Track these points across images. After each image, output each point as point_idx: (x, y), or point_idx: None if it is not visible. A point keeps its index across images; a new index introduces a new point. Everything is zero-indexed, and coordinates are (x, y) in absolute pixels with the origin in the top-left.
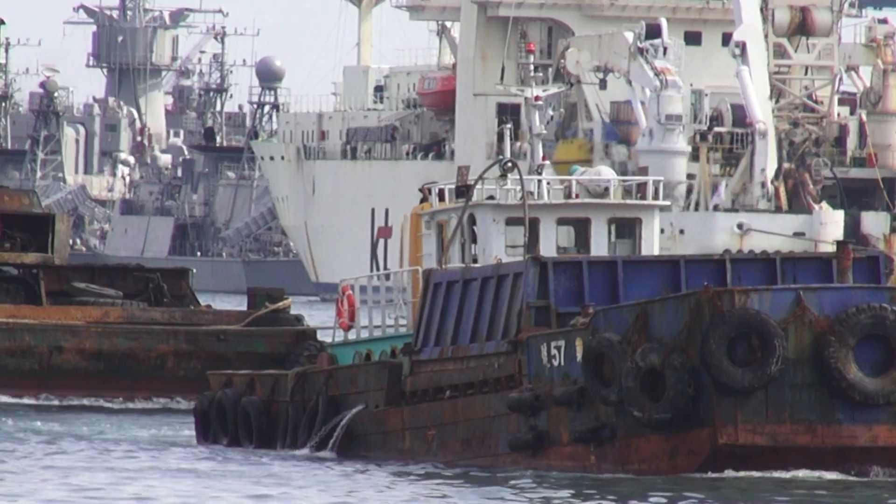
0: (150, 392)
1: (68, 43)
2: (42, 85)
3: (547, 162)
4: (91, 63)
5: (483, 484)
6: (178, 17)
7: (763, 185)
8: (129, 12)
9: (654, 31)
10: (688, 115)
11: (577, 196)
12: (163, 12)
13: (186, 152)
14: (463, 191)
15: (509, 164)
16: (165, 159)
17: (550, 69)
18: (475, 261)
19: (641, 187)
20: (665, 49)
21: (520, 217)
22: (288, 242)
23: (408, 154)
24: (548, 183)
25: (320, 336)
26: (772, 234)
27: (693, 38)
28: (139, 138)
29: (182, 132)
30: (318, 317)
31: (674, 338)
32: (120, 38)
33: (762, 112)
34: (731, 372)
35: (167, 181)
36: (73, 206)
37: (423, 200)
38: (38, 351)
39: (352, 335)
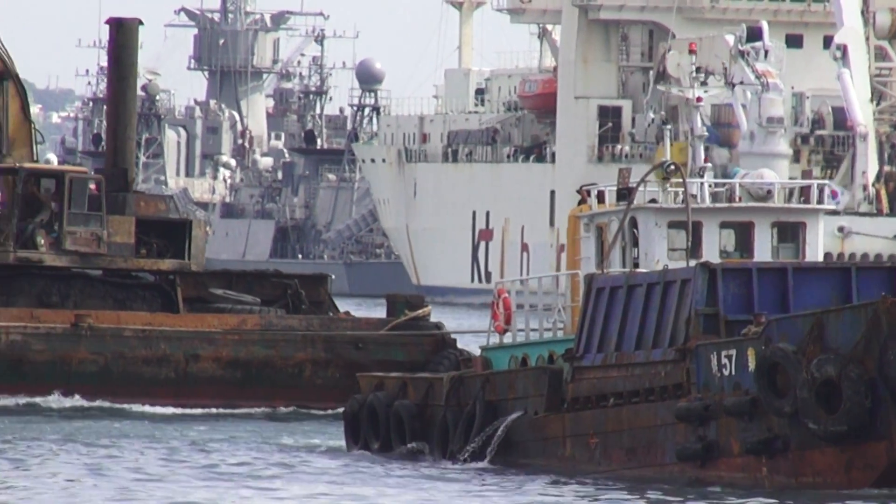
0: (287, 400)
1: (170, 46)
2: (144, 88)
3: (708, 164)
4: (192, 66)
5: (649, 493)
6: (279, 19)
7: (864, 187)
8: (230, 15)
9: (755, 34)
10: (789, 118)
11: (739, 199)
12: (264, 15)
13: (287, 155)
14: (624, 193)
15: (672, 167)
16: (266, 162)
17: (651, 72)
18: (636, 265)
19: (805, 191)
20: (766, 52)
21: (682, 220)
22: (389, 245)
23: (509, 157)
24: (710, 186)
25: (470, 340)
26: (873, 236)
27: (794, 41)
28: (240, 141)
29: (283, 135)
30: None
31: (850, 349)
32: (221, 41)
33: (863, 115)
34: None
35: (268, 184)
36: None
37: (581, 202)
38: (174, 359)
39: (507, 339)
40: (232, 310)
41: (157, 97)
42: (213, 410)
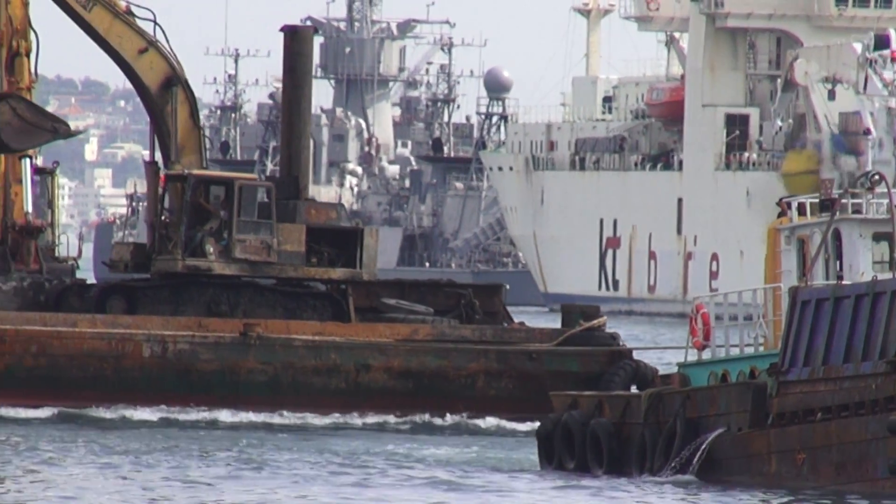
0: (459, 412)
1: None
2: (271, 96)
3: None
4: (318, 74)
5: None
6: (406, 28)
7: None
8: (356, 23)
9: (882, 42)
10: None
11: None
12: (390, 23)
13: (414, 163)
14: (827, 205)
15: (876, 177)
16: (393, 170)
17: (779, 80)
18: (839, 277)
19: None
20: (894, 59)
21: (887, 232)
22: (517, 253)
23: (636, 164)
24: None
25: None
26: None
27: None
28: (367, 149)
29: (409, 143)
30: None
31: None
32: (347, 50)
33: None
34: None
35: (395, 192)
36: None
37: (781, 215)
38: (344, 369)
39: (706, 354)
40: (404, 320)
41: None
42: (383, 421)
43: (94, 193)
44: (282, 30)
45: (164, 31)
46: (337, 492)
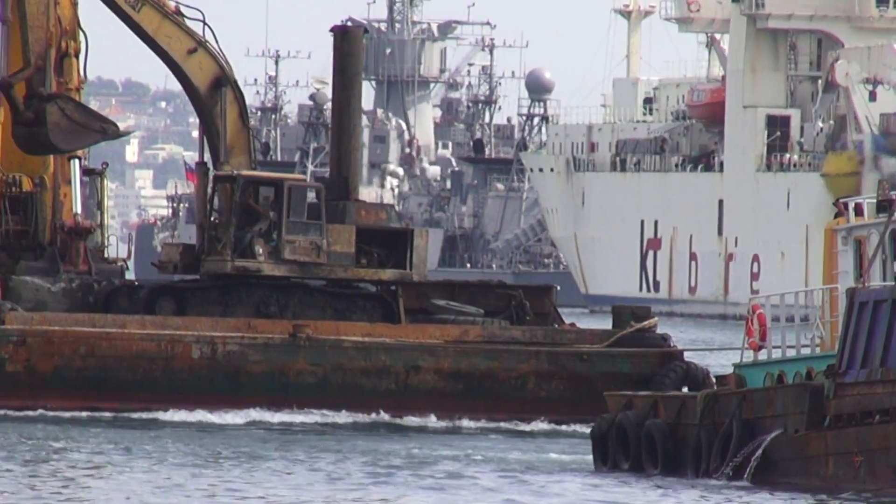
0: (510, 413)
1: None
2: (312, 97)
3: None
4: None
5: None
6: (447, 29)
7: None
8: (397, 25)
9: None
10: None
11: None
12: (431, 24)
13: (455, 164)
14: (885, 205)
15: None
16: (434, 171)
17: (820, 81)
18: None
19: None
20: None
21: None
22: (558, 254)
23: (677, 166)
24: None
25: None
26: None
27: None
28: (408, 150)
29: (450, 144)
30: None
31: None
32: (388, 51)
33: None
34: None
35: (436, 193)
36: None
37: (838, 215)
38: (394, 370)
39: (762, 355)
40: (454, 321)
41: (325, 106)
42: (432, 423)
43: (134, 195)
44: (332, 30)
45: (213, 31)
46: (391, 492)
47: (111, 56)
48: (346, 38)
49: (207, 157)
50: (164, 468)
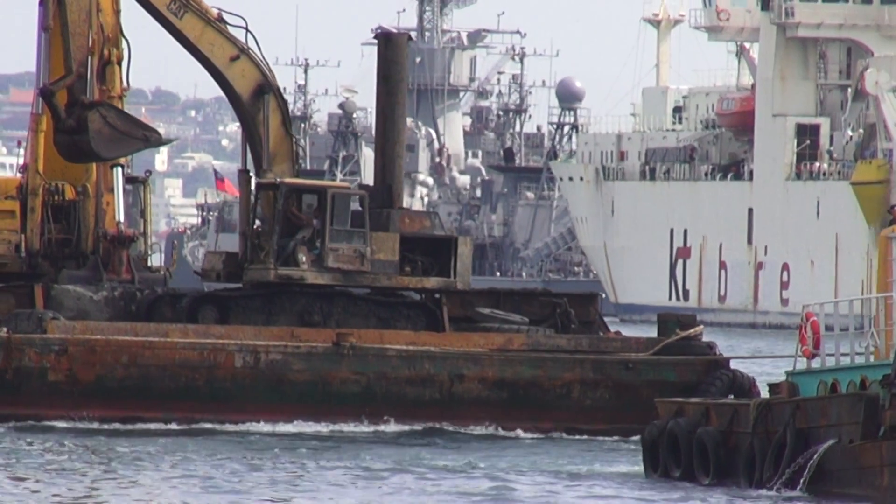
0: (555, 422)
1: (366, 64)
2: (341, 106)
3: None
4: None
5: None
6: (476, 37)
7: None
8: (426, 33)
9: None
10: None
11: None
12: (461, 33)
13: (485, 173)
14: None
15: None
16: (464, 180)
17: (849, 89)
18: None
19: None
20: None
21: None
22: (587, 263)
23: (706, 174)
24: None
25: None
26: None
27: None
28: (437, 159)
29: (480, 153)
30: None
31: None
32: (418, 60)
33: None
34: None
35: (466, 201)
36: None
37: (893, 222)
38: (438, 379)
39: (815, 363)
40: (499, 329)
41: (355, 115)
42: (477, 431)
43: (164, 203)
44: (376, 36)
45: (255, 39)
46: (441, 500)
47: (140, 65)
48: (390, 45)
49: (250, 164)
50: (202, 477)
